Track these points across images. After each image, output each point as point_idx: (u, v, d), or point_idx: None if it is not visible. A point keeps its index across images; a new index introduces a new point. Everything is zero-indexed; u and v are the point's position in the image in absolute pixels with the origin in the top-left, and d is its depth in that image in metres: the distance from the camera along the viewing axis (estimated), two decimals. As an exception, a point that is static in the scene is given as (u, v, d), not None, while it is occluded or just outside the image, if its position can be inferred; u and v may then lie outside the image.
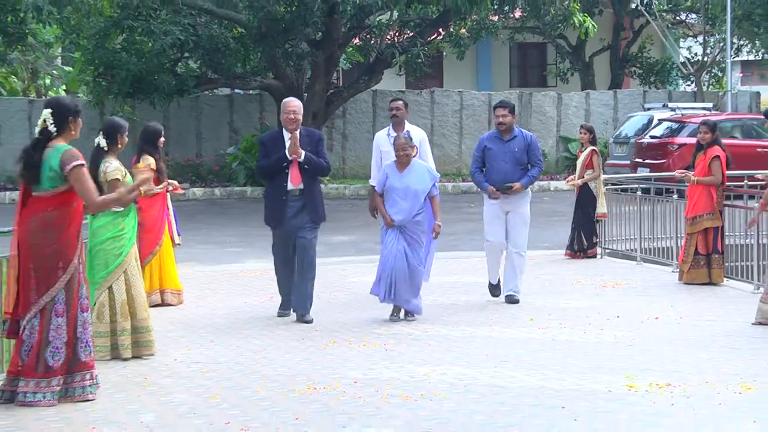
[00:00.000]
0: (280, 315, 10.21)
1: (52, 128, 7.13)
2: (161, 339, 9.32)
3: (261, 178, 10.97)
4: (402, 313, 10.08)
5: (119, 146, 8.88)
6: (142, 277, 8.92)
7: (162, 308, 10.90)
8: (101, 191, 8.34)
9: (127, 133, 9.01)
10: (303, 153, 9.86)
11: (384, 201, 10.06)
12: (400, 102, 11.32)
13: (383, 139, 11.20)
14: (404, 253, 9.82)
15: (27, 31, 24.96)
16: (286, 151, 9.88)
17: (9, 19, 23.69)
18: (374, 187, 10.81)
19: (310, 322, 9.94)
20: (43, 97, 33.09)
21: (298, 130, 9.98)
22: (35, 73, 34.55)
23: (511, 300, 10.88)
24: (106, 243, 8.60)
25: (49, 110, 7.17)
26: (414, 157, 10.38)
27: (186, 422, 6.62)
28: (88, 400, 7.19)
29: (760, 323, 9.68)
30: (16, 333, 7.13)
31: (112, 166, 8.69)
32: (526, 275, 11.40)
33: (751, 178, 15.55)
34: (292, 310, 10.20)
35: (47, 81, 35.94)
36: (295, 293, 10.10)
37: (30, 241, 7.06)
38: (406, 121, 11.18)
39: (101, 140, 8.82)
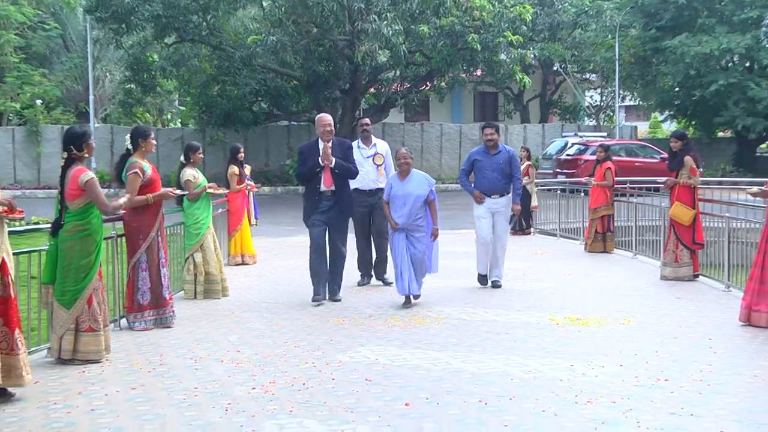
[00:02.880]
0: (314, 303, 8.16)
1: (129, 146, 7.04)
2: (242, 287, 9.32)
3: (300, 181, 9.94)
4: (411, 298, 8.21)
5: (193, 161, 8.76)
6: (216, 247, 8.80)
7: (242, 266, 10.95)
8: (179, 189, 8.37)
9: (200, 151, 8.83)
10: (334, 160, 8.19)
11: (390, 207, 8.23)
12: (369, 119, 9.81)
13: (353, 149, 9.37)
14: (407, 248, 8.07)
15: (156, 83, 25.10)
16: (320, 158, 8.23)
17: (144, 75, 24.04)
18: None
19: (339, 300, 8.32)
20: (166, 127, 33.09)
21: (331, 141, 8.28)
22: (161, 110, 34.58)
23: (496, 285, 9.18)
24: (189, 227, 8.67)
25: (129, 135, 7.10)
26: (381, 165, 9.25)
27: (258, 341, 6.61)
28: (171, 327, 7.10)
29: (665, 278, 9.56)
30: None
31: (186, 173, 8.70)
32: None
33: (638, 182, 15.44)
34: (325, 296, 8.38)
35: (169, 116, 35.94)
36: (330, 282, 8.39)
37: (125, 221, 7.04)
38: (372, 136, 9.49)
39: (182, 158, 8.85)
